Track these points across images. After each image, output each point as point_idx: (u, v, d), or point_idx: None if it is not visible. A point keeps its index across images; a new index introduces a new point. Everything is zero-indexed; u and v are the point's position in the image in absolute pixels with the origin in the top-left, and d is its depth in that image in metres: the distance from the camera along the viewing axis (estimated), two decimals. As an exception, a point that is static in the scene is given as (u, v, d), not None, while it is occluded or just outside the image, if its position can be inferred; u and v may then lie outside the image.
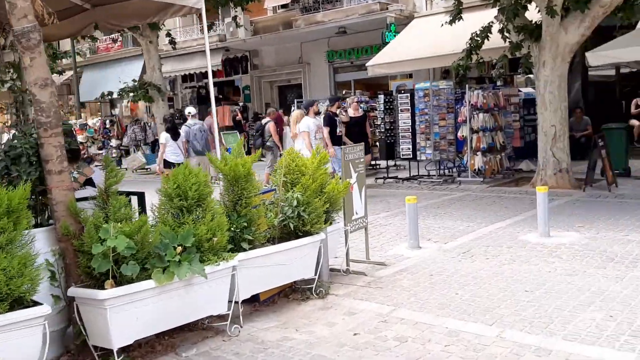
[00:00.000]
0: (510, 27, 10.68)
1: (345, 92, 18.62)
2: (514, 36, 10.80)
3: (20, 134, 4.18)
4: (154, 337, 4.18)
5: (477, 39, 11.43)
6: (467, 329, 4.25)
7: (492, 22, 11.32)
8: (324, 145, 10.13)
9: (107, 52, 25.39)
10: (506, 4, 10.33)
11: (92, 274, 3.83)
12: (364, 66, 16.09)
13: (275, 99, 22.83)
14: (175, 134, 10.82)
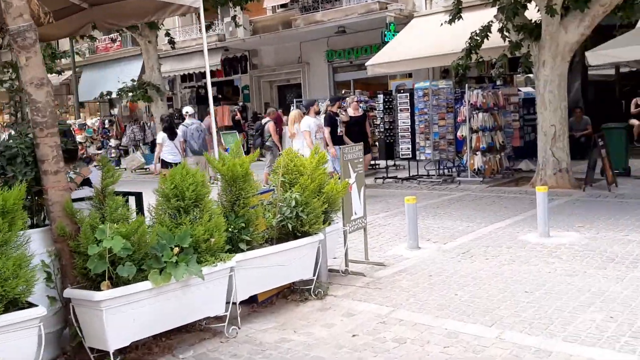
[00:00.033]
0: (509, 26, 10.66)
1: (344, 91, 18.60)
2: (513, 35, 10.78)
3: (16, 134, 4.15)
4: (150, 338, 4.15)
5: (476, 38, 11.41)
6: (467, 330, 4.22)
7: (492, 22, 11.30)
8: (325, 145, 10.10)
9: (106, 51, 25.35)
10: (506, 3, 10.30)
11: (88, 275, 3.79)
12: (364, 66, 16.08)
13: (274, 98, 22.79)
14: (172, 134, 10.77)
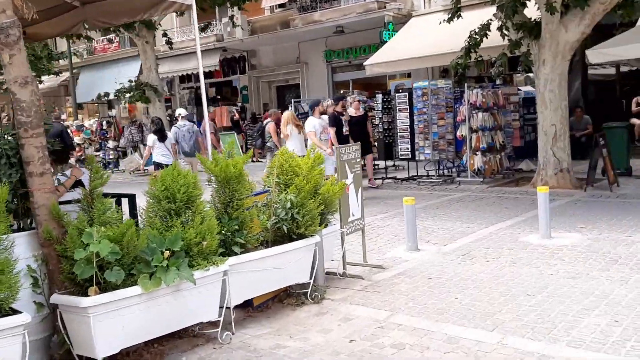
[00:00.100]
0: (509, 24, 10.54)
1: (343, 91, 18.49)
2: (513, 34, 10.66)
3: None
4: (142, 345, 4.02)
5: (475, 37, 11.30)
6: (467, 335, 4.10)
7: (491, 20, 11.18)
8: (330, 145, 9.93)
9: (104, 52, 25.25)
10: (505, 1, 10.17)
11: (75, 281, 3.67)
12: (362, 65, 15.96)
13: (273, 99, 22.67)
14: (162, 136, 10.78)
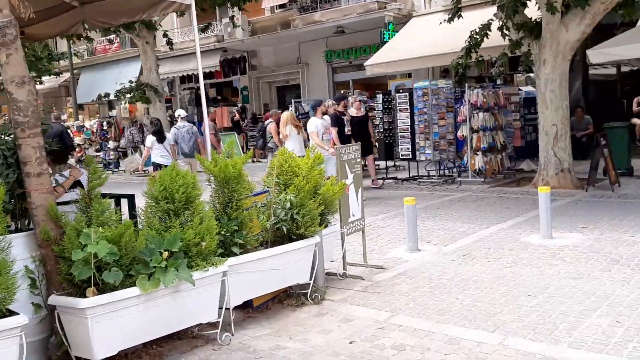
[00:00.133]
0: (509, 24, 10.51)
1: (343, 91, 18.45)
2: (513, 34, 10.63)
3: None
4: (140, 346, 4.00)
5: (476, 37, 11.27)
6: (468, 336, 4.07)
7: (492, 20, 11.15)
8: (332, 145, 9.88)
9: (104, 53, 25.23)
10: (505, 1, 10.15)
11: (73, 282, 3.64)
12: (363, 66, 15.93)
13: (273, 99, 22.64)
14: (161, 137, 10.77)
